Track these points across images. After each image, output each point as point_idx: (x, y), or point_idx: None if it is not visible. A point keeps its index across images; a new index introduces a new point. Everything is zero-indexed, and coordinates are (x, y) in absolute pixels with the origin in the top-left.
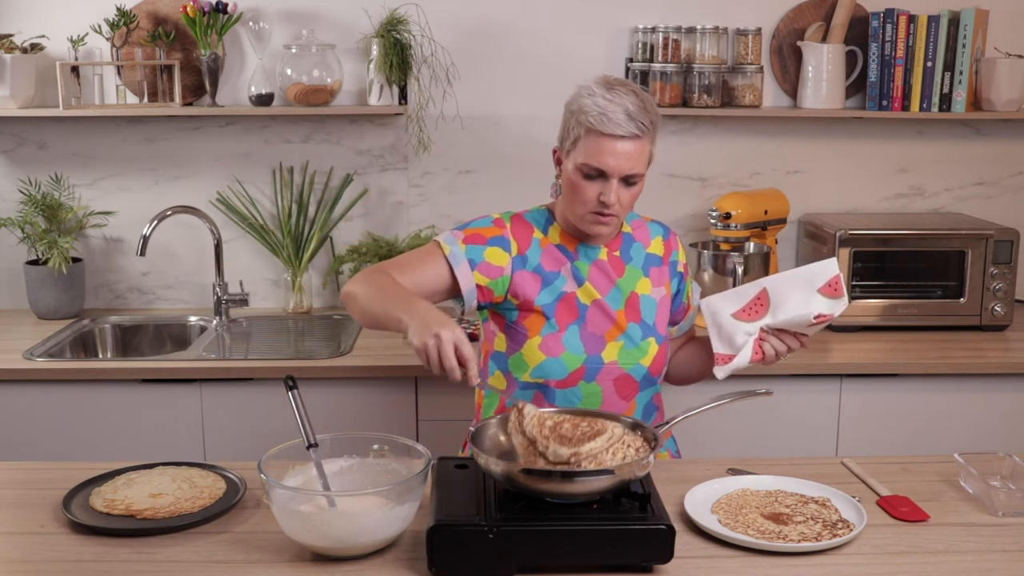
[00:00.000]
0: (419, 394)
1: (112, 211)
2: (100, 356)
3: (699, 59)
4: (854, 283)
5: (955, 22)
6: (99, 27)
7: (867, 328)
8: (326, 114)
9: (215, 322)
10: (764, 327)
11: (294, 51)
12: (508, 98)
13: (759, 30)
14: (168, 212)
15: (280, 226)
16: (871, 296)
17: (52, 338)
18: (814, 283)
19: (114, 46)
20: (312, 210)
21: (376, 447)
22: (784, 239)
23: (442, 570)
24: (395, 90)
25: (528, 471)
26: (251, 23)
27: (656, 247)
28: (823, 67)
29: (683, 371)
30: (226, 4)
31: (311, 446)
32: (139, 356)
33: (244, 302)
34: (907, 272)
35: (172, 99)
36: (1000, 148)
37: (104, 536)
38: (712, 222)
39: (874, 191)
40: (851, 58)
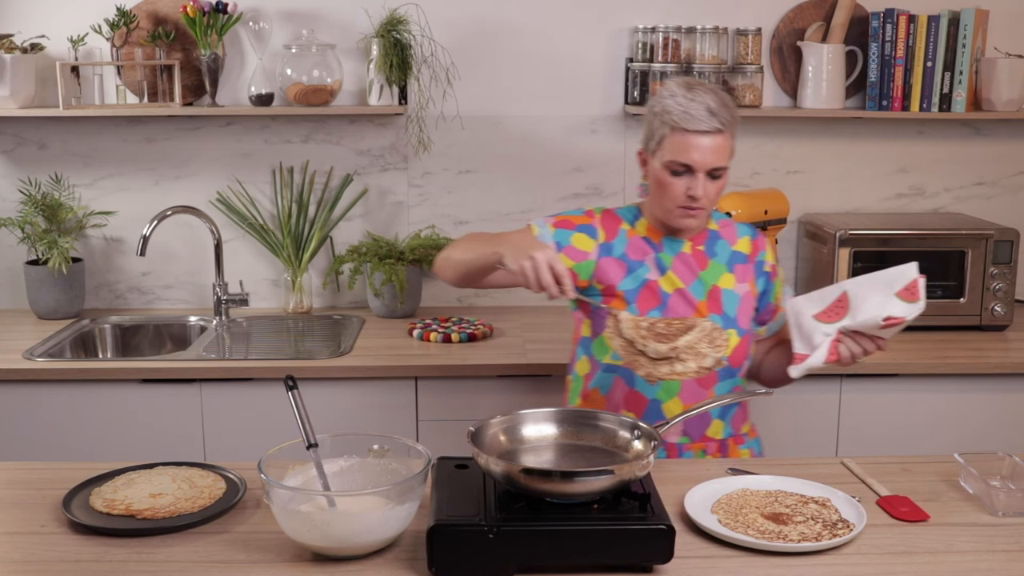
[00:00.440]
0: (419, 394)
1: (112, 211)
2: (100, 356)
3: (699, 59)
4: None
5: (955, 22)
6: (99, 27)
7: None
8: (326, 114)
9: (215, 322)
10: (841, 329)
11: (294, 51)
12: (508, 98)
13: (759, 30)
14: (168, 212)
15: (280, 226)
16: None
17: (52, 338)
18: (893, 286)
19: (114, 46)
20: (312, 210)
21: (376, 447)
22: (784, 239)
23: (442, 570)
24: (395, 90)
25: (528, 471)
26: (251, 23)
27: (743, 246)
28: (823, 67)
29: (774, 372)
30: (226, 4)
31: (311, 446)
32: (139, 356)
33: (244, 302)
34: None
35: (172, 99)
36: (1000, 148)
37: (104, 536)
38: None
39: (874, 191)
40: (851, 58)
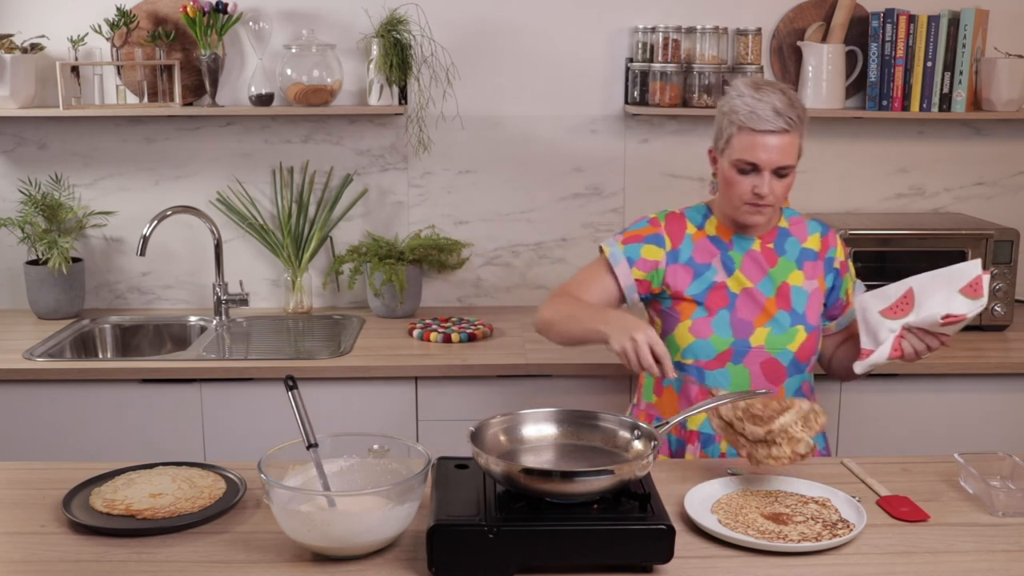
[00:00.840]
0: (419, 394)
1: (112, 211)
2: (100, 356)
3: (699, 59)
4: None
5: (955, 22)
6: (99, 27)
7: None
8: (326, 114)
9: (215, 322)
10: (905, 325)
11: (294, 51)
12: (508, 98)
13: (759, 30)
14: (168, 212)
15: (280, 226)
16: None
17: (52, 338)
18: (957, 283)
19: (114, 46)
20: (312, 210)
21: (376, 447)
22: None
23: (442, 570)
24: (395, 90)
25: (528, 471)
26: (251, 23)
27: (813, 243)
28: (823, 67)
29: (842, 366)
30: (226, 4)
31: (311, 446)
32: (139, 356)
33: (244, 302)
34: (907, 272)
35: (172, 99)
36: (1000, 148)
37: (104, 536)
38: None
39: (874, 191)
40: (851, 58)
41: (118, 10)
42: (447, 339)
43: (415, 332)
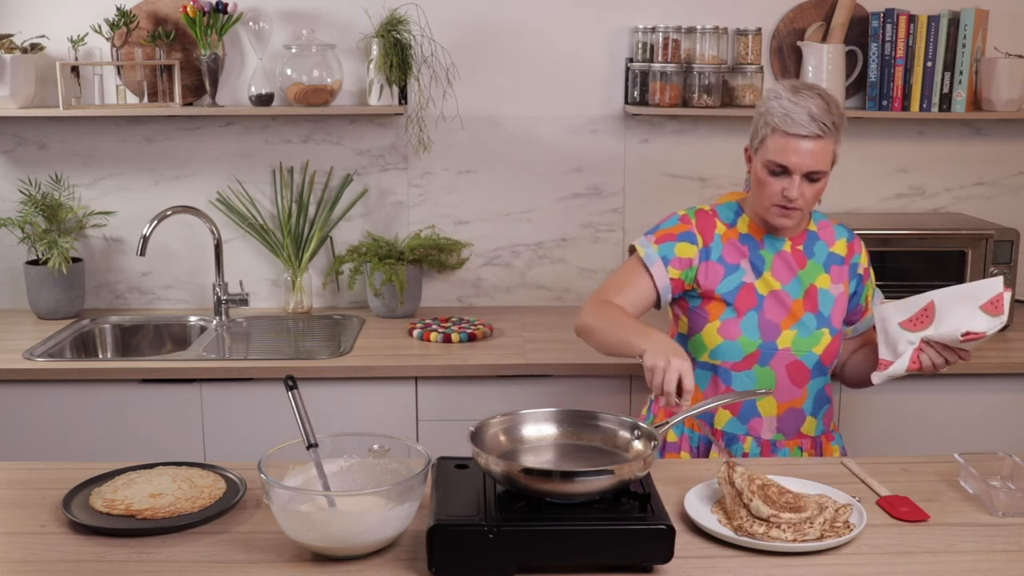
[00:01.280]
0: (419, 394)
1: (112, 211)
2: (100, 356)
3: (699, 59)
4: None
5: (955, 22)
6: (99, 27)
7: None
8: (326, 114)
9: (215, 322)
10: (924, 338)
11: (294, 51)
12: (508, 98)
13: (759, 30)
14: (168, 212)
15: (280, 226)
16: None
17: (52, 338)
18: (978, 299)
19: (114, 46)
20: (312, 210)
21: (376, 447)
22: None
23: (442, 570)
24: (395, 90)
25: (528, 471)
26: (251, 23)
27: (839, 248)
28: (823, 67)
29: (857, 373)
30: (226, 4)
31: (311, 446)
32: (139, 356)
33: (244, 302)
34: (907, 272)
35: (172, 99)
36: (1000, 148)
37: (104, 536)
38: None
39: (874, 191)
40: (851, 58)
41: (118, 10)
42: (447, 339)
43: (415, 332)
